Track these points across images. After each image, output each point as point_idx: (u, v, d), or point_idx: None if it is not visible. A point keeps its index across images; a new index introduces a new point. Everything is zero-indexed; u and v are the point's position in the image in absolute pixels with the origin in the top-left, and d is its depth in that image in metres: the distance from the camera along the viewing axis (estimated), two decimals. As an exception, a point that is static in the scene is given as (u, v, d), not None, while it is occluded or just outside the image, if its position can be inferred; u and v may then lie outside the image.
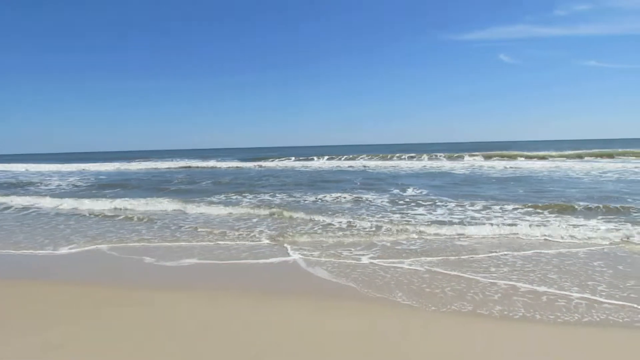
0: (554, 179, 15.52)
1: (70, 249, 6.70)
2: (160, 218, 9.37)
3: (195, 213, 9.84)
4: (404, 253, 5.95)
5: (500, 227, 7.20)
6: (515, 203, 9.64)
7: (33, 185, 19.28)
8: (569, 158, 26.76)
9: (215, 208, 10.19)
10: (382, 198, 11.22)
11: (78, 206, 11.16)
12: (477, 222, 7.71)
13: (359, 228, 7.62)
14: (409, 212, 9.03)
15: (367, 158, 32.83)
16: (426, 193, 12.10)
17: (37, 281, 5.14)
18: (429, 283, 4.68)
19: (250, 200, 11.80)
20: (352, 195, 11.86)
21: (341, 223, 8.05)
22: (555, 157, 27.31)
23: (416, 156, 31.58)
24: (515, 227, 7.18)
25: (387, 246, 6.40)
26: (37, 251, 6.63)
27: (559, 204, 9.23)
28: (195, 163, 34.27)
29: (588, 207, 8.77)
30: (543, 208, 8.90)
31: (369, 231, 7.38)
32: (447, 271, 5.05)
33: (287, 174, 22.48)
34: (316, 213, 9.25)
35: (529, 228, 7.07)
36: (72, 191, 16.17)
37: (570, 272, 4.88)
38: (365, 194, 12.09)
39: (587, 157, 26.62)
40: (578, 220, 7.72)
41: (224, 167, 30.63)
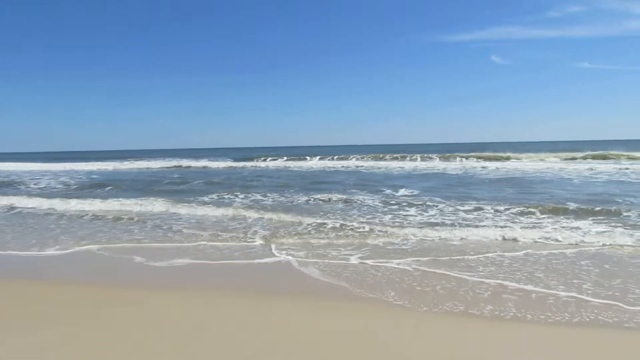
0: (546, 180, 15.68)
1: (62, 250, 6.61)
2: (151, 218, 9.30)
3: (187, 213, 9.77)
4: (396, 253, 5.97)
5: (491, 229, 7.25)
6: (506, 204, 9.73)
7: (23, 184, 19.05)
8: (562, 159, 27.03)
9: (207, 208, 10.14)
10: (375, 199, 11.24)
11: (67, 206, 11.03)
12: (469, 224, 7.76)
13: (351, 229, 7.63)
14: (401, 213, 9.06)
15: (361, 158, 32.89)
16: (418, 194, 12.15)
17: (32, 281, 5.08)
18: (420, 281, 4.71)
19: (242, 200, 11.76)
20: (345, 195, 11.88)
21: (333, 224, 8.05)
22: (548, 159, 27.57)
23: (409, 157, 31.68)
24: (506, 229, 7.25)
25: (379, 246, 6.42)
26: (28, 252, 6.54)
27: (552, 206, 9.33)
28: (188, 163, 34.08)
29: (579, 209, 8.86)
30: (534, 208, 8.97)
31: (361, 232, 7.39)
32: (439, 271, 5.08)
33: (280, 174, 22.45)
34: (308, 214, 9.25)
35: (520, 230, 7.14)
36: (61, 191, 16.00)
37: (558, 272, 4.93)
38: (357, 195, 12.11)
39: (580, 159, 26.89)
40: (569, 221, 7.81)
41: (219, 167, 30.49)
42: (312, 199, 11.27)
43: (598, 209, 8.62)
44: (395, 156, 32.84)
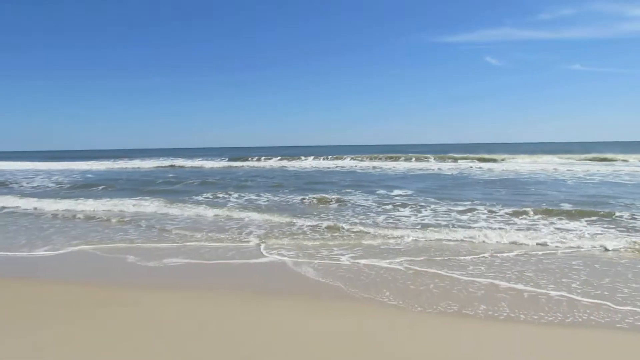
0: (540, 182, 15.78)
1: (55, 250, 6.56)
2: (145, 218, 9.26)
3: (181, 213, 9.72)
4: (389, 253, 5.98)
5: (484, 230, 7.29)
6: (499, 205, 9.80)
7: (16, 183, 18.91)
8: (555, 160, 27.20)
9: (201, 208, 10.11)
10: (369, 199, 11.26)
11: (58, 207, 10.94)
12: (462, 225, 7.79)
13: (345, 229, 7.63)
14: (395, 214, 9.08)
15: (357, 158, 32.90)
16: (412, 194, 12.18)
17: (27, 281, 5.05)
18: (414, 281, 4.73)
19: (236, 200, 11.74)
20: (340, 196, 11.91)
21: (327, 224, 8.05)
22: (541, 160, 27.75)
23: (404, 157, 31.73)
24: (499, 230, 7.31)
25: (373, 247, 6.43)
26: (22, 252, 6.49)
27: (544, 207, 9.41)
28: (184, 162, 33.94)
29: (572, 210, 8.93)
30: (527, 209, 8.99)
31: (355, 232, 7.40)
32: (433, 270, 5.10)
33: (276, 174, 22.42)
34: (302, 214, 9.27)
35: (513, 231, 7.21)
36: (54, 190, 15.89)
37: (549, 272, 4.96)
38: (352, 195, 12.13)
39: (572, 160, 27.07)
40: (561, 222, 7.87)
41: (214, 167, 30.40)
42: (307, 199, 11.26)
43: (590, 211, 8.69)
44: (390, 156, 32.88)
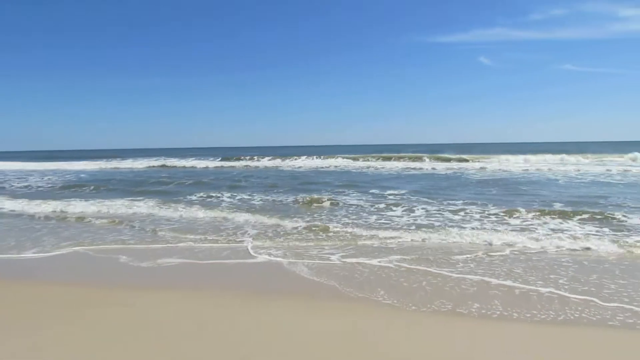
0: (532, 181, 15.91)
1: (48, 252, 6.50)
2: (138, 219, 9.21)
3: (174, 214, 9.67)
4: (382, 253, 6.01)
5: (476, 230, 7.36)
6: (491, 204, 9.90)
7: (7, 182, 18.75)
8: (547, 160, 27.41)
9: (194, 209, 10.07)
10: (362, 199, 11.29)
11: (49, 208, 10.85)
12: (454, 225, 7.82)
13: (338, 229, 7.65)
14: (388, 214, 9.11)
15: (352, 158, 32.93)
16: (405, 194, 12.22)
17: (22, 283, 5.03)
18: (408, 279, 4.76)
19: (230, 200, 11.70)
20: (333, 196, 11.94)
21: (321, 224, 8.07)
22: (533, 159, 27.96)
23: (397, 157, 31.80)
24: (490, 229, 7.39)
25: (366, 246, 6.45)
26: (15, 254, 6.43)
27: (536, 207, 9.54)
28: (178, 162, 33.76)
29: (563, 210, 9.03)
30: (519, 208, 9.08)
31: (348, 232, 7.41)
32: (427, 269, 5.13)
33: (270, 174, 22.39)
34: (296, 214, 9.28)
35: (504, 230, 7.28)
36: (47, 191, 15.74)
37: (539, 269, 5.02)
38: (345, 195, 12.16)
39: (565, 160, 27.28)
40: (553, 221, 7.94)
41: (209, 167, 30.28)
42: (301, 200, 11.25)
43: (581, 210, 8.78)
44: (385, 156, 32.93)
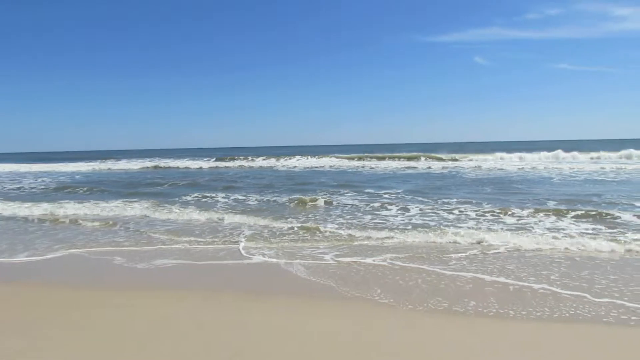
0: (527, 179, 16.01)
1: (43, 255, 6.43)
2: (133, 220, 9.17)
3: (169, 215, 9.60)
4: (377, 252, 6.01)
5: (471, 230, 7.40)
6: (485, 203, 9.97)
7: (0, 184, 18.61)
8: (542, 158, 27.58)
9: (189, 210, 10.03)
10: (357, 199, 11.29)
11: (42, 211, 10.77)
12: (450, 224, 7.80)
13: (333, 229, 7.65)
14: (382, 213, 9.12)
15: (347, 158, 32.98)
16: (400, 194, 12.23)
17: (18, 285, 4.99)
18: (403, 278, 4.78)
19: (225, 201, 11.66)
20: (329, 195, 11.96)
21: (316, 224, 8.07)
22: (527, 158, 28.12)
23: (395, 156, 31.88)
24: (484, 228, 7.44)
25: (361, 246, 6.45)
26: (9, 258, 6.38)
27: (530, 205, 9.62)
28: (173, 163, 33.66)
29: (556, 208, 9.09)
30: (514, 208, 9.13)
31: (343, 231, 7.41)
32: (423, 267, 5.14)
33: (265, 174, 22.36)
34: (291, 214, 9.29)
35: (498, 228, 7.33)
36: (39, 193, 15.63)
37: (533, 266, 5.04)
38: (340, 195, 12.15)
39: (560, 157, 27.47)
40: (549, 220, 7.98)
41: (203, 168, 30.18)
42: (296, 200, 11.22)
43: (574, 208, 8.85)
44: (381, 156, 33.02)
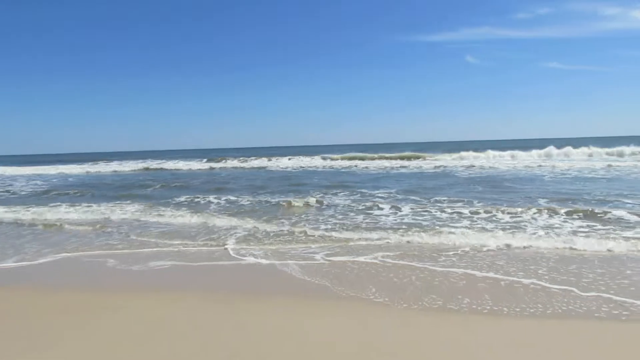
0: (519, 178, 16.15)
1: (35, 260, 6.35)
2: (125, 223, 9.12)
3: (160, 218, 9.53)
4: (371, 251, 6.04)
5: (465, 228, 7.45)
6: (477, 201, 10.05)
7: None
8: (534, 156, 27.82)
9: (182, 212, 9.98)
10: (349, 199, 11.30)
11: (34, 216, 10.67)
12: (443, 223, 7.83)
13: (325, 229, 7.66)
14: (375, 213, 9.15)
15: (339, 158, 33.02)
16: (393, 193, 12.26)
17: (15, 289, 4.95)
18: (395, 273, 4.84)
19: (218, 202, 11.62)
20: (321, 195, 11.98)
21: (310, 224, 8.09)
22: (519, 156, 28.36)
23: (388, 156, 31.96)
24: (477, 227, 7.49)
25: (355, 246, 6.47)
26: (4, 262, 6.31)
27: (522, 203, 9.70)
28: (165, 165, 33.46)
29: (547, 205, 9.18)
30: (505, 206, 9.22)
31: (336, 231, 7.43)
32: (417, 265, 5.17)
33: (258, 175, 22.31)
34: (285, 215, 9.29)
35: (491, 227, 7.40)
36: (31, 195, 15.46)
37: (527, 264, 5.09)
38: (333, 195, 12.15)
39: (551, 155, 27.71)
40: (542, 217, 8.05)
41: (196, 169, 30.04)
42: (289, 200, 11.18)
43: (565, 205, 8.96)
44: (374, 156, 33.09)
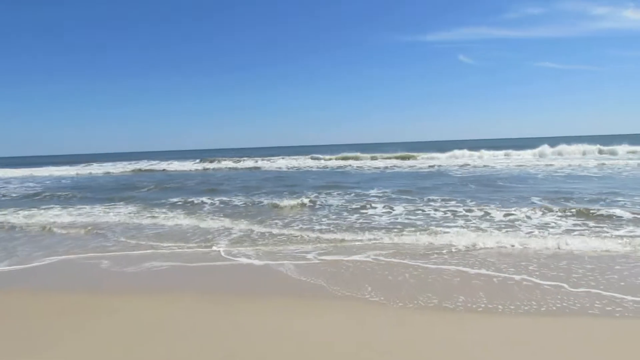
0: (512, 176, 16.26)
1: (30, 263, 6.29)
2: (119, 225, 9.07)
3: (154, 220, 9.46)
4: (366, 250, 6.05)
5: (458, 228, 7.49)
6: (469, 199, 10.11)
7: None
8: (527, 155, 28.03)
9: (176, 213, 9.95)
10: (343, 199, 11.33)
11: (27, 219, 10.57)
12: (438, 223, 7.83)
13: (320, 229, 7.67)
14: (369, 212, 9.17)
15: (333, 158, 33.05)
16: (387, 193, 12.29)
17: (12, 292, 4.92)
18: (390, 271, 4.90)
19: (212, 202, 11.58)
20: (316, 195, 12.01)
21: (304, 225, 8.10)
22: (514, 155, 28.56)
23: (383, 156, 32.03)
24: (472, 226, 7.54)
25: (350, 246, 6.47)
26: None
27: (514, 202, 9.76)
28: (160, 166, 33.33)
29: (541, 204, 9.26)
30: (498, 205, 9.29)
31: (330, 231, 7.45)
32: (412, 263, 5.20)
33: (252, 176, 22.26)
34: (278, 216, 9.29)
35: (485, 225, 7.43)
36: (26, 198, 15.33)
37: (513, 257, 5.14)
38: (327, 195, 12.16)
39: (545, 154, 27.93)
40: (535, 216, 8.11)
41: (191, 170, 29.92)
42: (284, 201, 11.16)
43: (557, 204, 9.04)
44: (366, 155, 33.13)
